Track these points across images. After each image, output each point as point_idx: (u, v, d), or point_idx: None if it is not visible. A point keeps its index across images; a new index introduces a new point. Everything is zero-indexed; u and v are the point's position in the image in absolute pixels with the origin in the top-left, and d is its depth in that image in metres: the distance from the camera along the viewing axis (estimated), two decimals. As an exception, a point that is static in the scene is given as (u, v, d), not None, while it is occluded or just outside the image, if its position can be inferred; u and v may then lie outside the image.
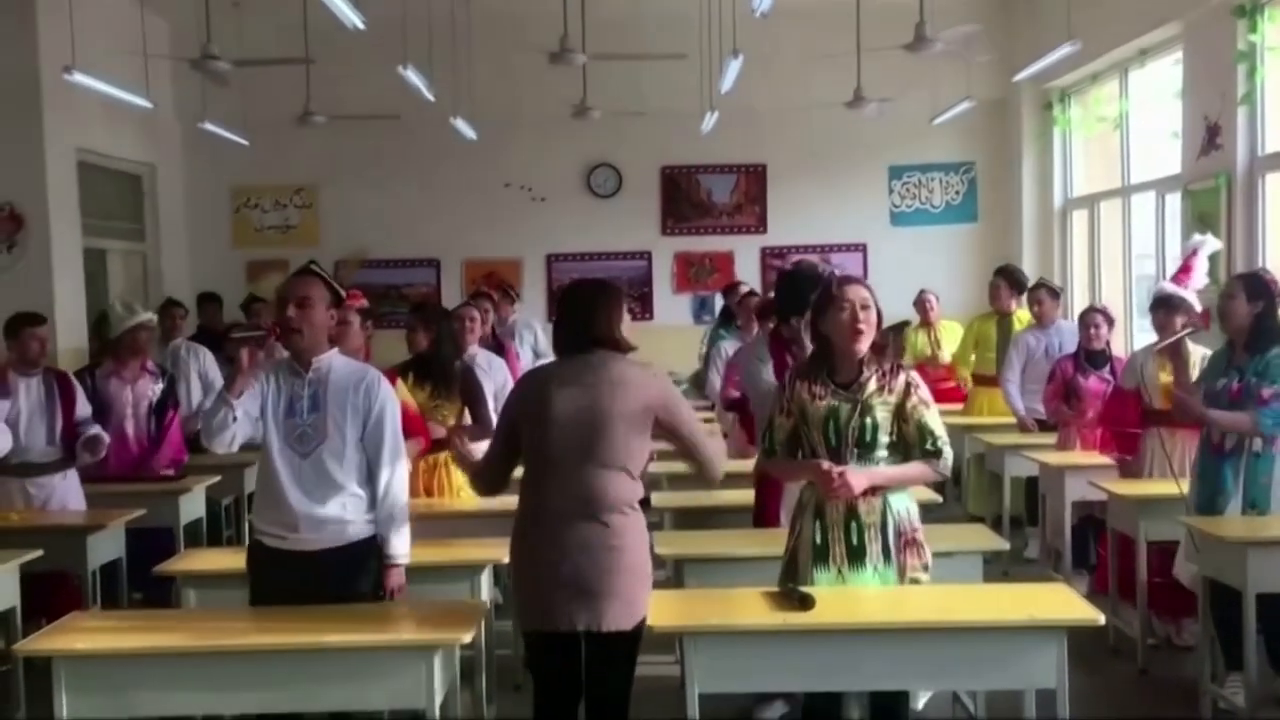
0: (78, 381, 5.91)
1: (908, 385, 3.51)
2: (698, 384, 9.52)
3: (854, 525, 3.48)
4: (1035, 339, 7.01)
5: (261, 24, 8.05)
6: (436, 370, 5.28)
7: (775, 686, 3.47)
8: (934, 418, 3.51)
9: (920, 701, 3.72)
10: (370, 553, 3.63)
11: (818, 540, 3.49)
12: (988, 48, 6.59)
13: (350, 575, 3.55)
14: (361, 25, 5.64)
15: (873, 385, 3.50)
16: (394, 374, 4.82)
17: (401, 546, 3.62)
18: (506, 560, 4.17)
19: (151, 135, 9.20)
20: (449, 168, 9.79)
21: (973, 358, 7.83)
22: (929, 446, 3.44)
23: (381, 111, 8.63)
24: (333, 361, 3.60)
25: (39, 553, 4.46)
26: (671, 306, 10.14)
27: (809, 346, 3.92)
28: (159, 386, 6.07)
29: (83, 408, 5.50)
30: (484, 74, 9.02)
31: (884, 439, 3.44)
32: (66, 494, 5.40)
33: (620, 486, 3.26)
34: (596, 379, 3.27)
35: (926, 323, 8.30)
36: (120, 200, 9.24)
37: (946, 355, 8.20)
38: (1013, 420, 7.21)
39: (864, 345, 3.48)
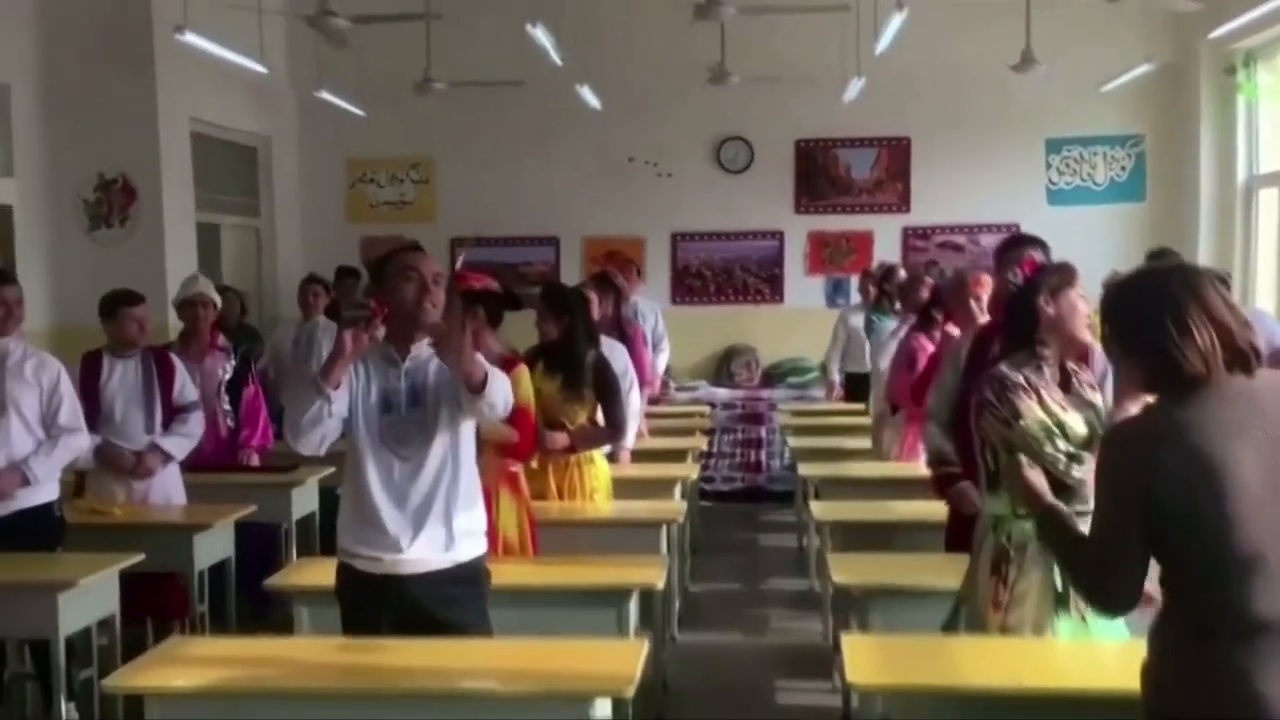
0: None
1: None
2: (824, 370, 8.86)
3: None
4: None
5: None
6: (569, 361, 4.74)
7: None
8: None
9: None
10: (482, 573, 3.10)
11: (1059, 585, 2.87)
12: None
13: (461, 600, 3.02)
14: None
15: (1087, 384, 3.03)
16: (516, 359, 4.24)
17: (488, 388, 2.90)
18: (660, 584, 3.69)
19: (266, 106, 8.87)
20: (571, 139, 9.26)
21: None
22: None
23: (503, 77, 8.12)
24: (429, 348, 3.05)
25: (140, 557, 4.05)
26: (803, 289, 9.48)
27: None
28: (230, 364, 5.66)
29: (185, 390, 5.08)
30: (613, 36, 8.45)
31: None
32: (167, 486, 5.00)
33: None
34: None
35: None
36: (234, 173, 8.94)
37: None
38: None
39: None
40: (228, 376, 5.64)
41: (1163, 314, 2.08)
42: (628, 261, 8.45)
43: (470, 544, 3.08)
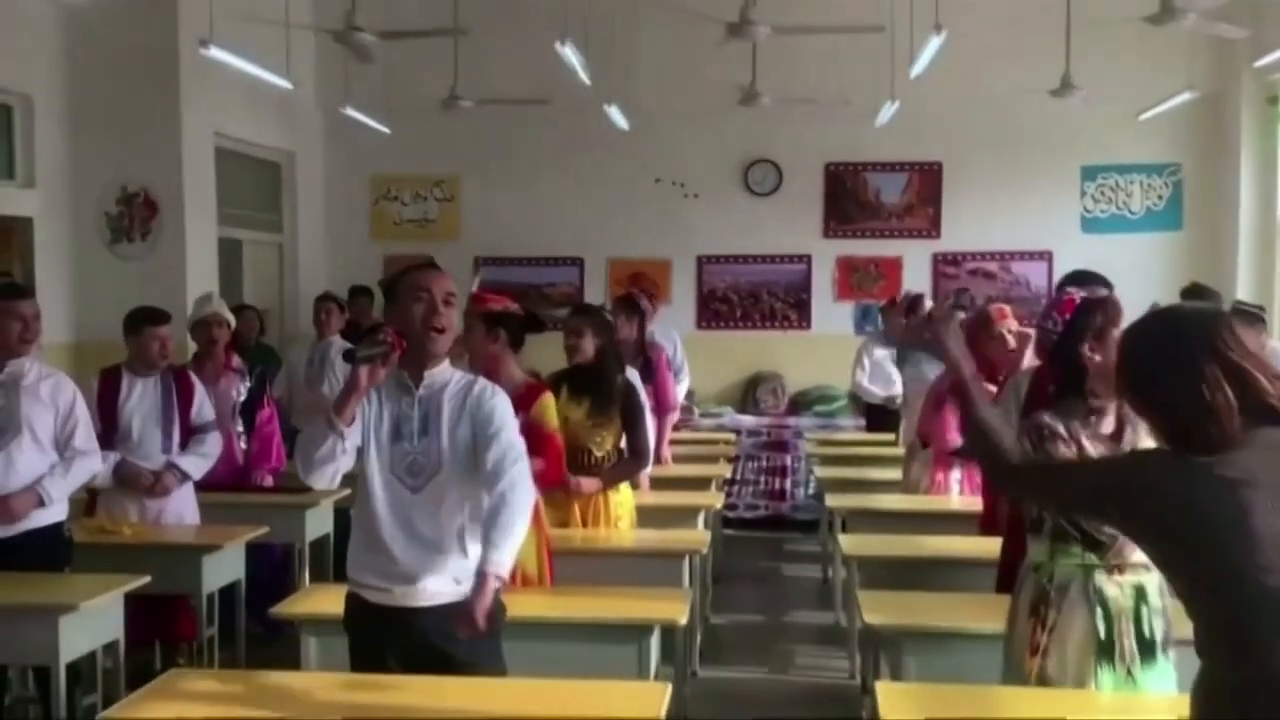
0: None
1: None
2: (855, 399, 8.72)
3: (1144, 611, 2.74)
4: None
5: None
6: (599, 384, 4.59)
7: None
8: None
9: None
10: (496, 610, 2.94)
11: (1102, 633, 2.71)
12: (1244, 22, 5.62)
13: (471, 639, 2.85)
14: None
15: (1143, 432, 2.78)
16: (541, 386, 4.14)
17: (502, 557, 2.75)
18: (683, 620, 3.54)
19: (292, 121, 8.81)
20: (598, 159, 9.16)
21: None
22: None
23: (530, 95, 8.02)
24: (445, 374, 2.92)
25: (146, 579, 3.93)
26: (831, 315, 9.31)
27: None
28: (245, 385, 5.55)
29: (203, 410, 5.00)
30: (642, 56, 8.35)
31: None
32: (182, 506, 4.90)
33: None
34: None
35: None
36: (258, 189, 8.87)
37: None
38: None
39: None
40: (242, 399, 5.54)
41: (1176, 372, 1.92)
42: (643, 286, 8.33)
43: (487, 576, 2.93)
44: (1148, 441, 2.82)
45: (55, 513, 4.20)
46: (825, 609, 6.39)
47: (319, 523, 5.49)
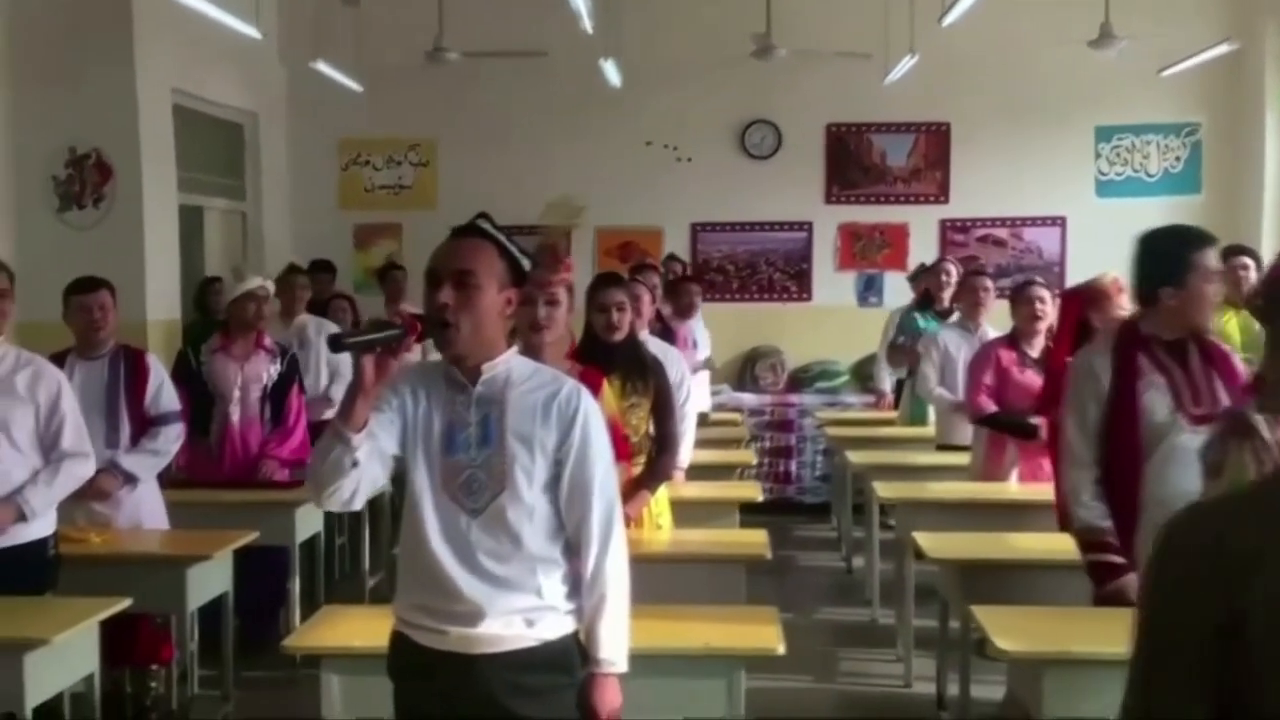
0: (182, 363, 4.93)
1: None
2: (860, 376, 8.30)
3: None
4: None
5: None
6: (628, 359, 4.07)
7: None
8: None
9: None
10: (574, 656, 2.40)
11: None
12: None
13: (546, 691, 2.34)
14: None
15: None
16: (597, 371, 3.61)
17: (618, 649, 2.38)
18: (781, 649, 3.02)
19: (255, 79, 8.09)
20: (585, 121, 8.56)
21: None
22: None
23: (515, 49, 7.39)
24: (511, 367, 2.36)
25: (126, 601, 3.34)
26: (833, 286, 8.81)
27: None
28: (276, 369, 4.96)
29: (162, 398, 4.35)
30: (635, 5, 7.74)
31: None
32: (138, 510, 4.27)
33: None
34: None
35: None
36: (219, 152, 8.16)
37: None
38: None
39: None
40: (271, 382, 4.97)
41: None
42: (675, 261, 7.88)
43: (559, 619, 2.38)
44: None
45: (39, 527, 3.60)
46: (853, 604, 5.94)
47: (310, 523, 4.90)
